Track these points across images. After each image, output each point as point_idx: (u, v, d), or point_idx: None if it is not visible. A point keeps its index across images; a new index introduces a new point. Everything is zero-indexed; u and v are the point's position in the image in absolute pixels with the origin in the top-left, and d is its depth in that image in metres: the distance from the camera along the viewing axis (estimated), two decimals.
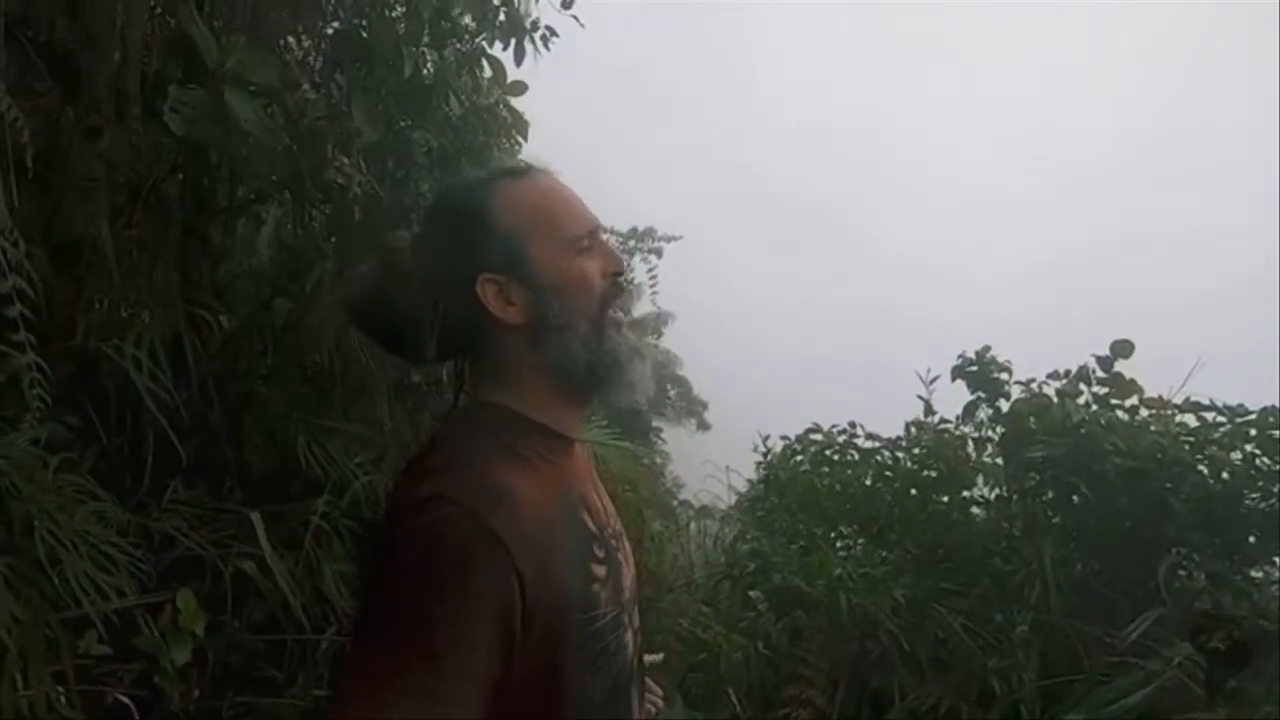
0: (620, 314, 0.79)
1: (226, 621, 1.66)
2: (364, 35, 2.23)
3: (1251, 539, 2.72)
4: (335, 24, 2.34)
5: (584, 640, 0.70)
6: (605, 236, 0.82)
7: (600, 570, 0.74)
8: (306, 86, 2.03)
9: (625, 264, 0.84)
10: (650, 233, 8.12)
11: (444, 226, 0.78)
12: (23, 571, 1.22)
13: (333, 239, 2.19)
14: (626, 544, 0.84)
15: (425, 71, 2.35)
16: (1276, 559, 2.79)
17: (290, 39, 2.25)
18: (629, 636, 0.79)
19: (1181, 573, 2.70)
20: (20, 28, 1.67)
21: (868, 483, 3.43)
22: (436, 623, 0.60)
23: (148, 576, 1.50)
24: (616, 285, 0.79)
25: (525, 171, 0.80)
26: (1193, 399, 2.91)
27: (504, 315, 0.74)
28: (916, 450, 3.35)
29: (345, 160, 2.01)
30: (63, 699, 1.32)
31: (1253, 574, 2.76)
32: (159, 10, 1.94)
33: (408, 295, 0.76)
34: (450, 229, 0.77)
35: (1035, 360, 3.24)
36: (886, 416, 3.58)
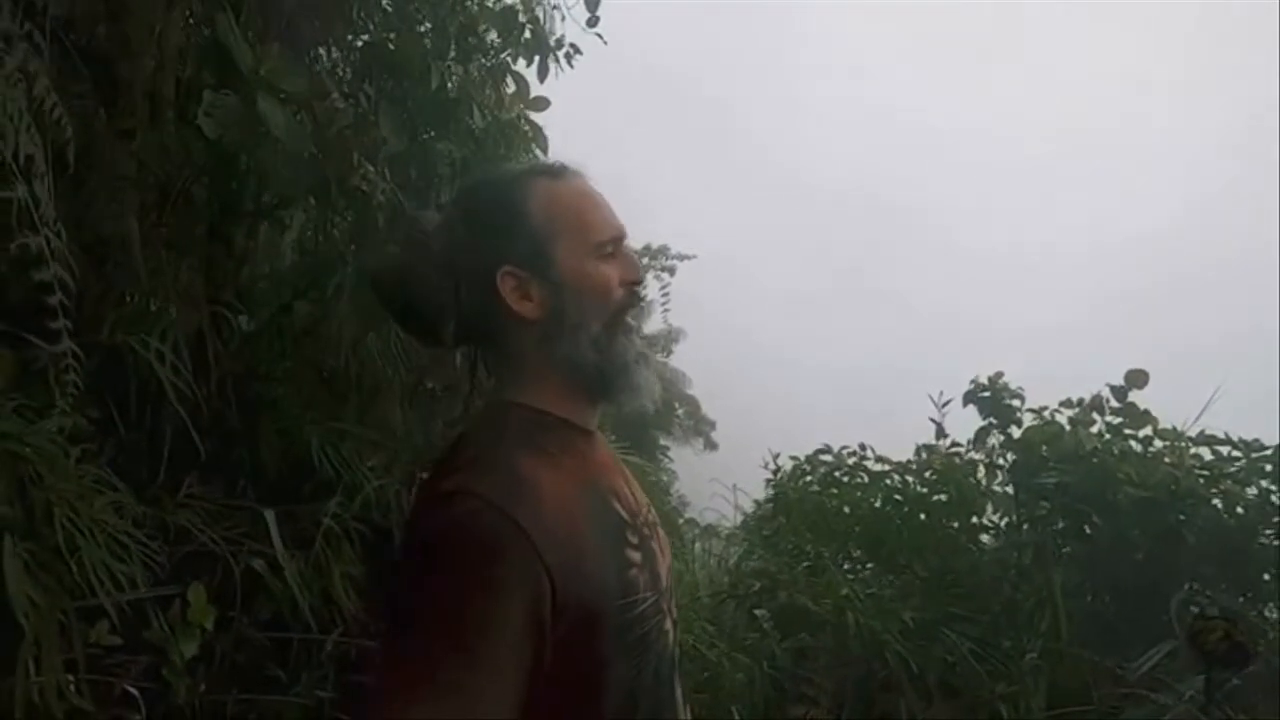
0: (633, 320, 0.80)
1: (235, 618, 1.67)
2: (392, 48, 2.29)
3: (1266, 576, 2.68)
4: (365, 36, 2.40)
5: (624, 626, 0.71)
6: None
7: (636, 555, 0.75)
8: (336, 96, 2.07)
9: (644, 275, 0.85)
10: (664, 250, 8.19)
11: (473, 214, 0.79)
12: (42, 559, 1.24)
13: (354, 246, 2.23)
14: (662, 534, 0.84)
15: (450, 85, 2.41)
16: None
17: (321, 50, 2.31)
18: (669, 624, 0.79)
19: (1194, 608, 2.66)
20: (64, 32, 1.73)
21: (877, 505, 3.41)
22: (466, 616, 0.60)
23: (160, 569, 1.51)
24: (633, 294, 0.80)
25: (559, 172, 0.81)
26: (1207, 432, 2.89)
27: (520, 309, 0.75)
28: (927, 474, 3.33)
29: (370, 168, 2.05)
30: (72, 687, 1.33)
31: (1266, 613, 2.71)
32: (195, 19, 2.00)
33: (429, 275, 0.77)
34: (479, 218, 0.79)
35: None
36: (905, 420, 3.56)
